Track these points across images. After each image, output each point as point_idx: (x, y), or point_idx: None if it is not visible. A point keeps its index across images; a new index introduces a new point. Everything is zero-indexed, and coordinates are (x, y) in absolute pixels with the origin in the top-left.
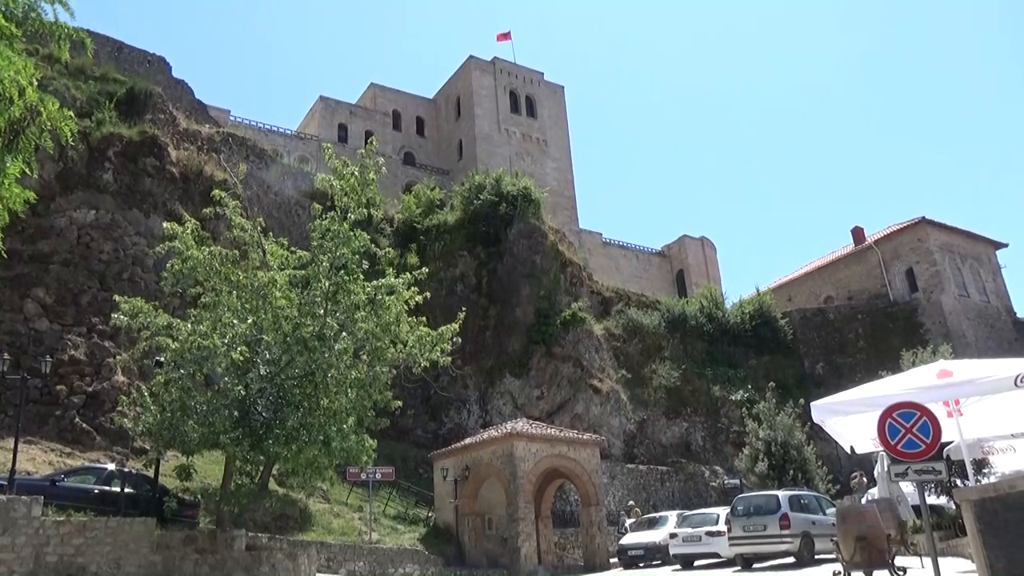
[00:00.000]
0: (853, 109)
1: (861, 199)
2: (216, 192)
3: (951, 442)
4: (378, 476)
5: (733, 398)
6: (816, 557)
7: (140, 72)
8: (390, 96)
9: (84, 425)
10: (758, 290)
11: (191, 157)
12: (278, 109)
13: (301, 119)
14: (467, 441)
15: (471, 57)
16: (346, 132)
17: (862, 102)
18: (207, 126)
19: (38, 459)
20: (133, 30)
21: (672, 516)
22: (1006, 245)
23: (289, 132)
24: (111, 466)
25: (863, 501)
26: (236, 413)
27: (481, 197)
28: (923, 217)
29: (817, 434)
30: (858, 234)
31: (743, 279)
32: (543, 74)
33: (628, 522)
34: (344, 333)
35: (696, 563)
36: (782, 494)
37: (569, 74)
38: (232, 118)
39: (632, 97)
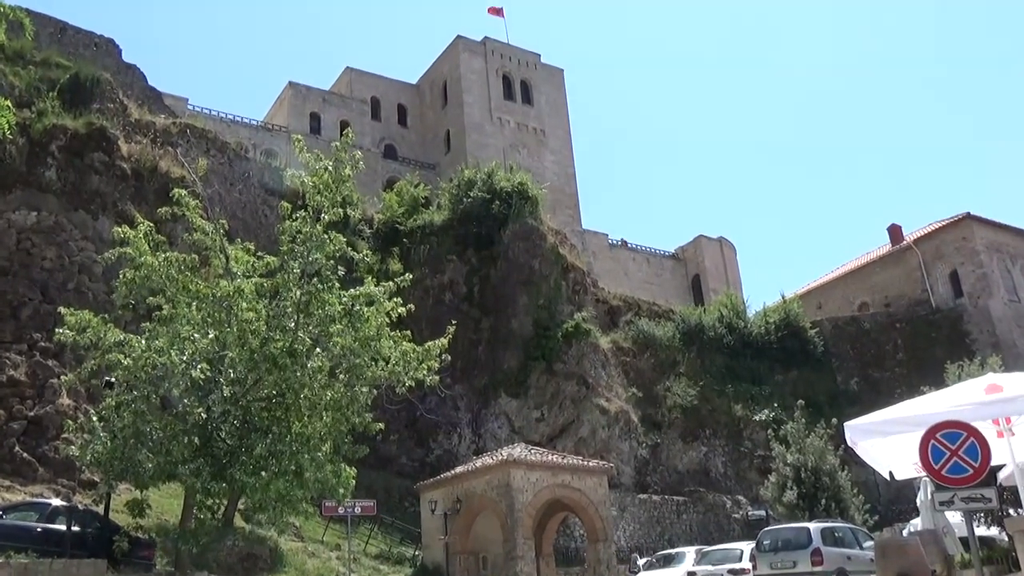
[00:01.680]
0: (889, 95)
1: (898, 194)
2: (176, 191)
3: (1002, 466)
4: (357, 510)
5: (757, 418)
6: None
7: (86, 56)
8: (368, 81)
9: (25, 454)
10: (784, 297)
11: (144, 151)
12: (242, 97)
13: (268, 108)
14: (458, 470)
15: (459, 37)
16: (319, 122)
17: (899, 88)
18: (162, 116)
19: None
20: (78, 10)
21: (690, 552)
22: None
23: (255, 123)
24: (56, 501)
25: (905, 533)
26: (196, 440)
27: (471, 194)
28: (968, 213)
29: (852, 458)
30: (896, 233)
31: (767, 284)
32: (540, 56)
33: (641, 561)
34: (318, 349)
35: None
36: (814, 526)
37: (570, 56)
38: (190, 107)
39: (641, 82)
